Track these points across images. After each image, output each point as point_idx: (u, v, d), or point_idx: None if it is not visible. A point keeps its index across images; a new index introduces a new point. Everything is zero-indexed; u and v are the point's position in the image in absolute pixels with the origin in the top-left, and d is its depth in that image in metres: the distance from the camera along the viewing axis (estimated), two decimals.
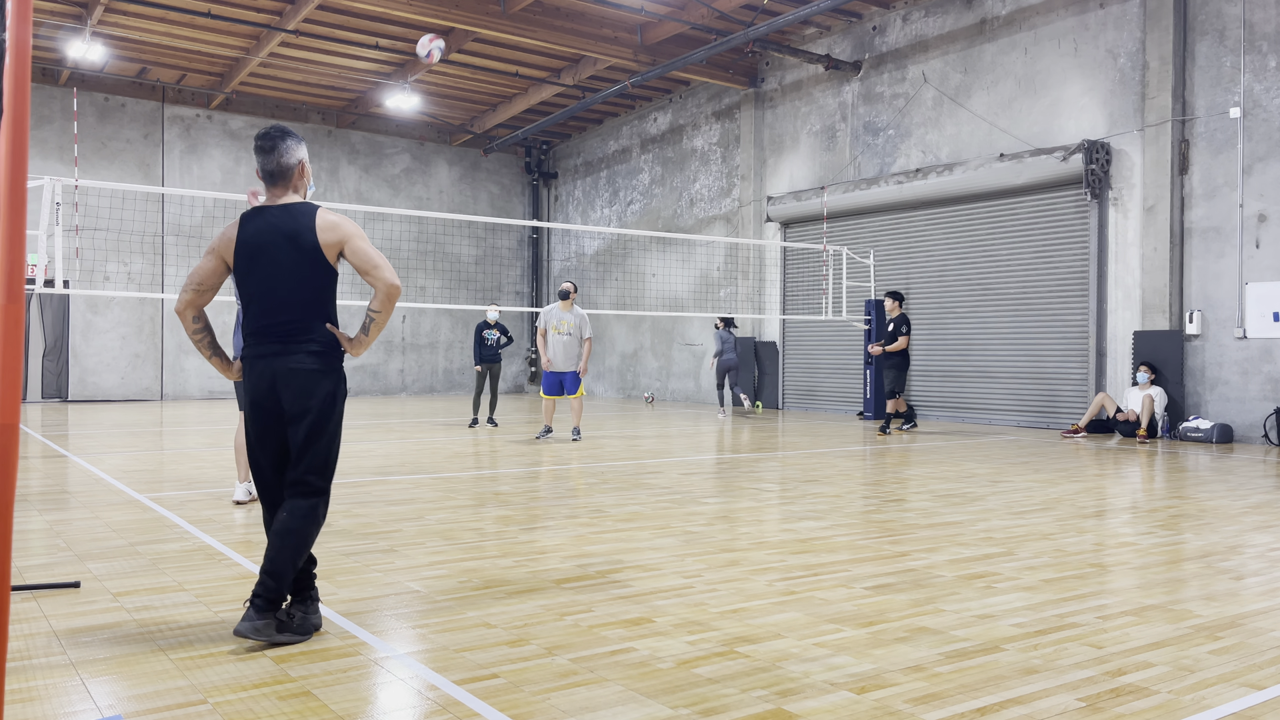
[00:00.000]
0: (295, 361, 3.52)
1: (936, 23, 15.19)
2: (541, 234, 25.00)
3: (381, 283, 3.48)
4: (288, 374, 3.52)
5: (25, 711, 2.78)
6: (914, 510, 6.50)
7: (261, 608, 3.39)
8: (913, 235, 15.73)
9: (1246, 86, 11.62)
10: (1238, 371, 11.72)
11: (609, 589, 4.27)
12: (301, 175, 3.68)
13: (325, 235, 3.52)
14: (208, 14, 15.48)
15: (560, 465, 9.08)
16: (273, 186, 3.64)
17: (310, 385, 3.53)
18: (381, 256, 3.54)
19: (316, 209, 3.58)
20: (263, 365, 3.55)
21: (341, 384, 3.63)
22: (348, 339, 3.62)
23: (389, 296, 3.50)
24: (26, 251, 3.20)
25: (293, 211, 3.57)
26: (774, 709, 2.83)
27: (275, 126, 3.66)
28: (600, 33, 16.79)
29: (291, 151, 3.63)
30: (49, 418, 14.80)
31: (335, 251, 3.55)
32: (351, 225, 3.57)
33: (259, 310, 3.58)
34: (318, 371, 3.54)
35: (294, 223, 3.54)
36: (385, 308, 3.53)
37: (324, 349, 3.57)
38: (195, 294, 3.62)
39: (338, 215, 3.58)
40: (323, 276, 3.57)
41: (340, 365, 3.64)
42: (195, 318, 3.65)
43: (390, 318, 3.69)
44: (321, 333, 3.57)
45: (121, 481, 7.63)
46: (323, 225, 3.53)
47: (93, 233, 18.58)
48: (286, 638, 3.42)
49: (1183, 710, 2.85)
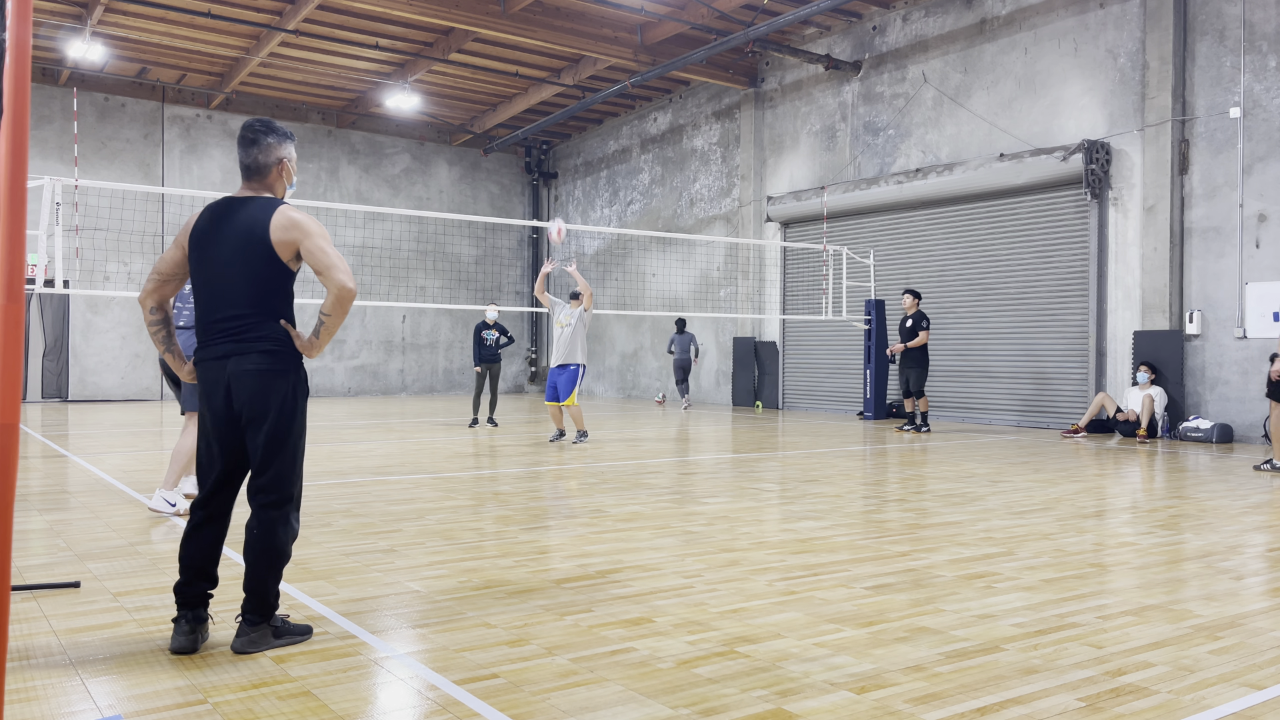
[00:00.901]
0: (249, 362, 3.36)
1: (936, 23, 15.19)
2: (541, 234, 25.00)
3: (333, 284, 3.33)
4: (241, 375, 3.36)
5: (25, 711, 2.78)
6: (914, 510, 6.50)
7: (254, 621, 3.37)
8: (913, 235, 15.73)
9: (1246, 86, 11.62)
10: (1238, 371, 11.72)
11: (609, 589, 4.27)
12: (280, 174, 3.56)
13: (280, 234, 3.37)
14: (208, 14, 15.48)
15: (560, 465, 9.08)
16: (248, 180, 3.54)
17: (265, 387, 3.37)
18: (339, 258, 3.40)
19: (278, 205, 3.44)
20: (216, 367, 3.40)
21: (300, 384, 3.47)
22: (301, 339, 3.46)
23: (340, 299, 3.35)
24: (26, 251, 3.19)
25: (255, 206, 3.44)
26: (774, 709, 2.83)
27: (261, 120, 3.55)
28: (600, 33, 16.79)
29: (273, 149, 3.51)
30: (49, 418, 14.80)
31: (290, 250, 3.40)
32: (312, 225, 3.42)
33: (205, 302, 3.45)
34: (272, 372, 3.38)
35: (252, 217, 3.41)
36: (336, 311, 3.38)
37: (278, 348, 3.40)
38: (157, 283, 3.52)
39: (300, 214, 3.43)
40: (275, 274, 3.41)
41: (297, 365, 3.47)
42: (154, 308, 3.55)
43: (343, 322, 3.53)
44: (275, 331, 3.41)
45: (121, 481, 7.63)
46: (278, 223, 3.38)
47: (93, 233, 18.57)
48: (286, 641, 3.42)
49: (1183, 710, 2.85)
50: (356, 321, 22.40)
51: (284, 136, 3.55)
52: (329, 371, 22.04)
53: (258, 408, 3.37)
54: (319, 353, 3.47)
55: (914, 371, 13.09)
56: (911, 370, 13.12)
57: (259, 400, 3.37)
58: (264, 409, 3.37)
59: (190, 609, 3.37)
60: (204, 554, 3.41)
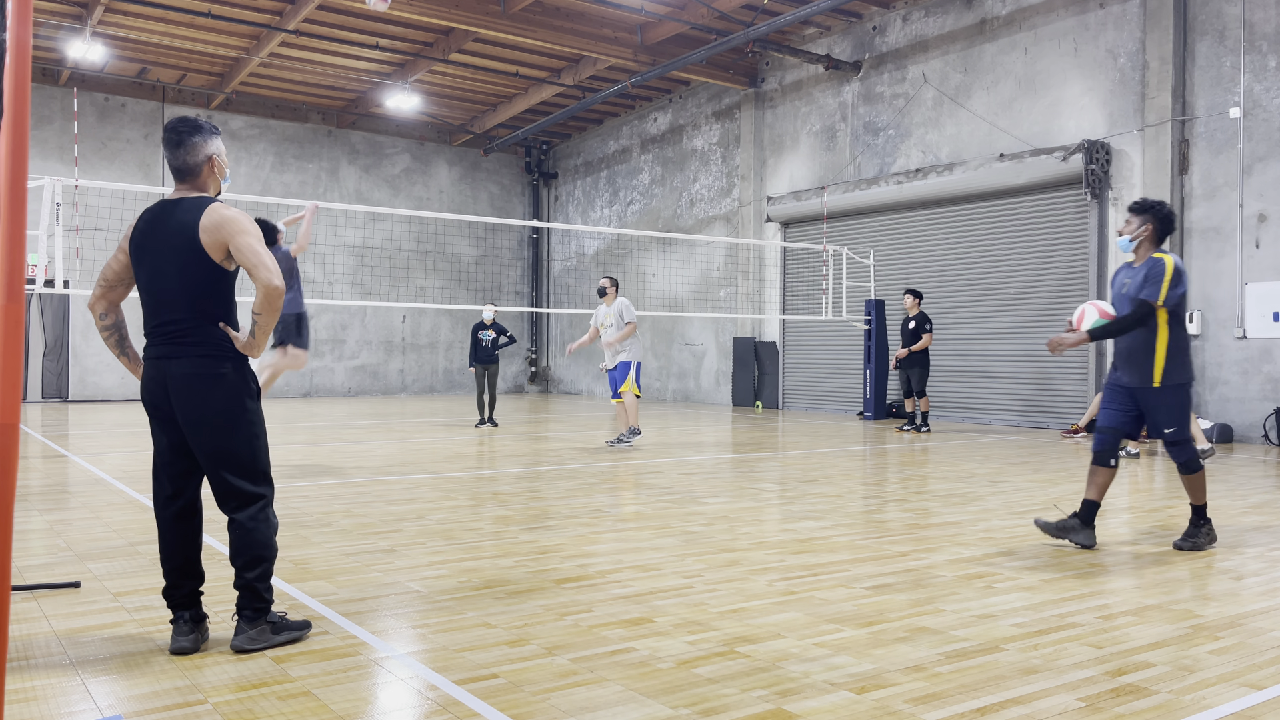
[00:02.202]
0: (183, 366, 3.35)
1: (936, 23, 15.19)
2: (541, 234, 25.00)
3: (259, 283, 3.29)
4: (178, 379, 3.35)
5: (25, 711, 2.78)
6: (914, 510, 6.50)
7: (251, 618, 3.38)
8: (913, 235, 15.73)
9: (1246, 86, 11.62)
10: (1238, 371, 11.72)
11: (609, 589, 4.26)
12: (212, 170, 3.50)
13: (208, 235, 3.32)
14: (208, 14, 15.48)
15: (561, 465, 9.08)
16: (180, 182, 3.50)
17: (200, 391, 3.35)
18: (268, 255, 3.35)
19: (209, 204, 3.38)
20: (156, 367, 3.40)
21: (243, 384, 3.42)
22: (240, 340, 3.41)
23: (267, 297, 3.30)
24: (26, 251, 3.20)
25: (185, 207, 3.39)
26: (774, 709, 2.83)
27: (183, 119, 3.50)
28: (600, 33, 16.79)
29: (198, 148, 3.45)
30: (49, 418, 14.80)
31: (221, 250, 3.34)
32: (242, 222, 3.35)
33: (147, 307, 3.44)
34: (207, 376, 3.35)
35: (183, 218, 3.36)
36: (266, 309, 3.33)
37: (212, 351, 3.36)
38: (103, 289, 3.52)
39: (231, 211, 3.36)
40: (208, 275, 3.36)
41: (238, 366, 3.42)
42: (103, 314, 3.53)
43: (276, 320, 3.50)
44: (211, 333, 3.37)
45: (121, 481, 7.63)
46: (206, 224, 3.32)
47: (93, 233, 18.56)
48: (285, 637, 3.43)
49: (1183, 710, 2.85)
50: (357, 321, 22.40)
51: (209, 133, 3.49)
52: (329, 372, 22.04)
53: (196, 412, 3.36)
54: (259, 352, 3.43)
55: (915, 371, 13.11)
56: (913, 370, 13.13)
57: (197, 405, 3.35)
58: (202, 413, 3.36)
59: (185, 609, 3.38)
60: (182, 551, 3.42)
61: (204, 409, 3.35)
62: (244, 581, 3.37)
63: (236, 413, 3.39)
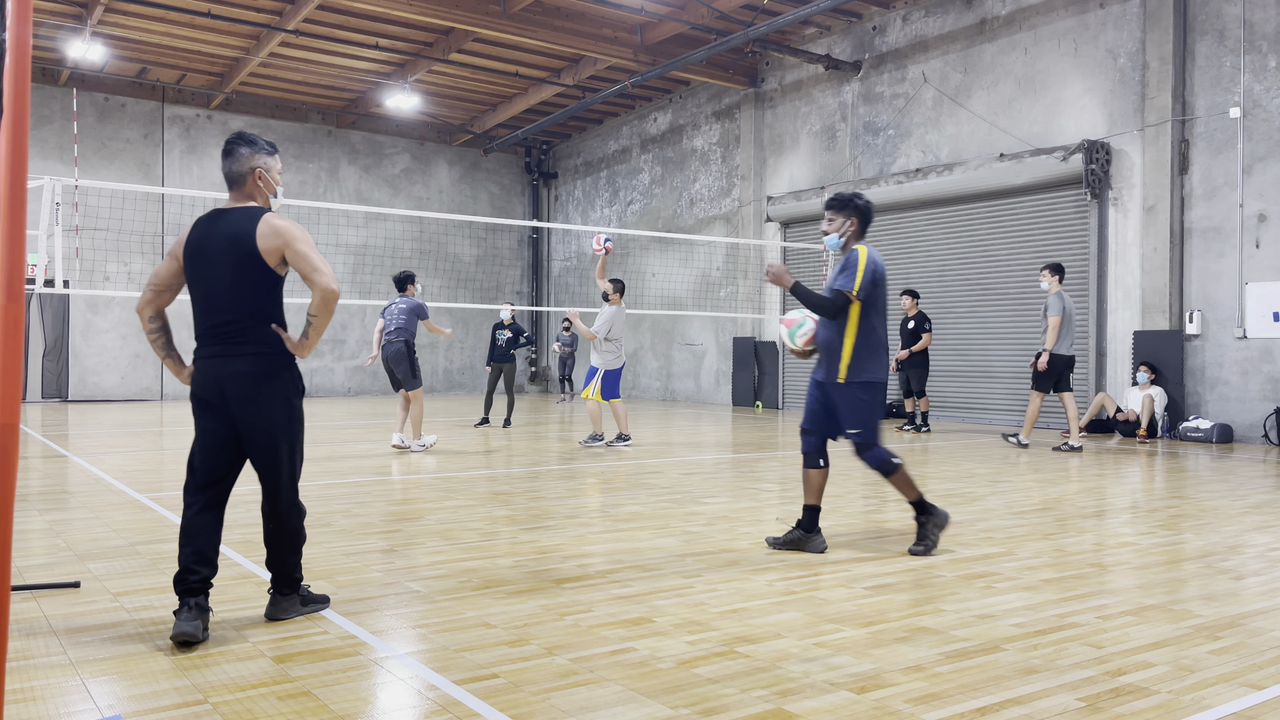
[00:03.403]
0: (239, 365, 3.58)
1: (936, 23, 15.19)
2: (541, 234, 25.00)
3: (318, 288, 3.53)
4: (233, 378, 3.58)
5: (25, 711, 2.78)
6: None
7: (286, 593, 3.75)
8: (913, 235, 15.73)
9: (1246, 86, 11.62)
10: (1238, 371, 11.72)
11: (609, 589, 4.27)
12: (257, 182, 3.73)
13: (265, 241, 3.57)
14: (208, 14, 15.48)
15: (561, 465, 9.08)
16: (231, 190, 3.75)
17: (256, 389, 3.59)
18: (323, 261, 3.60)
19: (263, 214, 3.64)
20: (210, 367, 3.61)
21: (293, 383, 3.68)
22: (292, 341, 3.66)
23: (325, 300, 3.55)
24: (26, 251, 3.22)
25: (241, 215, 3.64)
26: (774, 709, 2.83)
27: (240, 133, 3.77)
28: (600, 33, 16.79)
29: (246, 160, 3.70)
30: (49, 418, 14.80)
31: (276, 256, 3.60)
32: (296, 231, 3.62)
33: (201, 310, 3.66)
34: (262, 374, 3.60)
35: (238, 226, 3.60)
36: (322, 312, 3.58)
37: (268, 351, 3.61)
38: (154, 294, 3.73)
39: (284, 221, 3.63)
40: (263, 280, 3.61)
41: (289, 365, 3.67)
42: (152, 317, 3.76)
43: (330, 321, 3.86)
44: (265, 335, 3.62)
45: (121, 481, 7.63)
46: (263, 231, 3.58)
47: (93, 233, 18.57)
48: (312, 608, 3.81)
49: (1183, 710, 2.85)
50: (356, 321, 22.40)
51: (259, 148, 3.74)
52: (329, 371, 22.04)
53: (252, 408, 3.60)
54: (309, 352, 3.67)
55: (915, 371, 13.11)
56: (913, 370, 13.14)
57: (253, 401, 3.60)
58: (258, 409, 3.60)
59: (192, 596, 3.48)
60: (204, 539, 3.58)
61: (259, 404, 3.60)
62: (276, 562, 3.72)
63: (288, 409, 3.67)
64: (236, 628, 3.62)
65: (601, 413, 10.64)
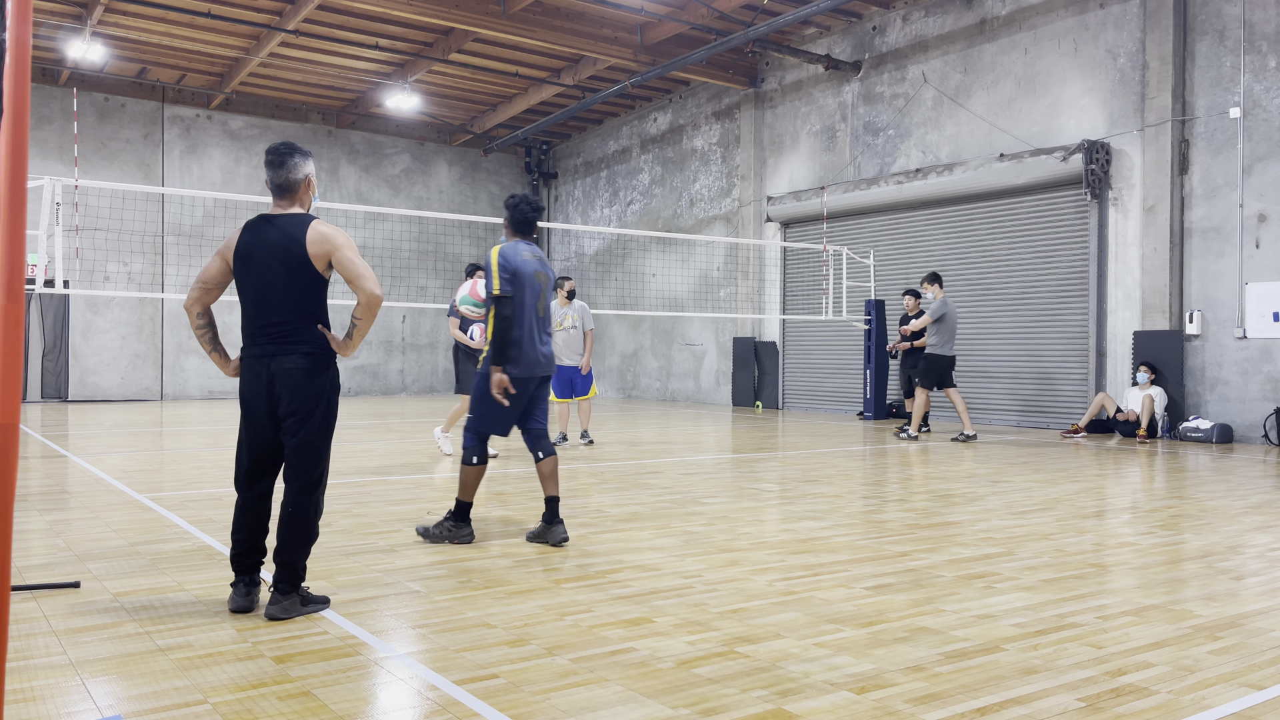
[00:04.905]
0: (289, 362, 3.80)
1: (936, 23, 15.19)
2: (541, 234, 24.99)
3: (363, 293, 3.75)
4: (283, 374, 3.80)
5: (25, 711, 2.78)
6: (914, 510, 6.50)
7: (285, 591, 3.79)
8: (913, 235, 15.73)
9: (1246, 86, 11.62)
10: (1238, 371, 11.72)
11: (609, 589, 4.27)
12: (307, 189, 3.96)
13: (314, 247, 3.80)
14: (208, 14, 15.47)
15: (560, 465, 9.08)
16: (279, 198, 3.94)
17: (304, 384, 3.81)
18: (367, 267, 3.81)
19: (311, 221, 3.85)
20: (259, 364, 3.84)
21: (334, 381, 3.91)
22: (337, 341, 3.90)
23: (369, 305, 3.78)
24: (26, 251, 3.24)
25: (289, 222, 3.85)
26: (774, 709, 2.83)
27: (284, 143, 3.96)
28: (600, 33, 16.79)
29: (299, 167, 3.91)
30: (49, 418, 14.80)
31: (324, 261, 3.83)
32: (342, 238, 3.85)
33: (252, 312, 3.87)
34: (310, 370, 3.83)
35: (288, 233, 3.82)
36: (366, 315, 3.81)
37: (315, 350, 3.85)
38: (202, 291, 3.93)
39: (331, 228, 3.86)
40: (311, 283, 3.84)
41: (331, 365, 3.90)
42: (200, 313, 3.96)
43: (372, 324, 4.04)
44: (313, 334, 3.85)
45: (121, 481, 7.63)
46: (313, 238, 3.80)
47: (93, 233, 18.57)
48: (312, 608, 3.84)
49: (1183, 710, 2.85)
50: None
51: (306, 155, 3.96)
52: None
53: (299, 402, 3.82)
54: (353, 352, 3.92)
55: (916, 371, 13.11)
56: (913, 370, 13.14)
57: (300, 396, 3.81)
58: (304, 404, 3.82)
59: (246, 574, 3.85)
60: (254, 527, 3.88)
61: (305, 399, 3.81)
62: (285, 555, 3.81)
63: (328, 406, 3.88)
64: (237, 628, 3.63)
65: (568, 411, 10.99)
